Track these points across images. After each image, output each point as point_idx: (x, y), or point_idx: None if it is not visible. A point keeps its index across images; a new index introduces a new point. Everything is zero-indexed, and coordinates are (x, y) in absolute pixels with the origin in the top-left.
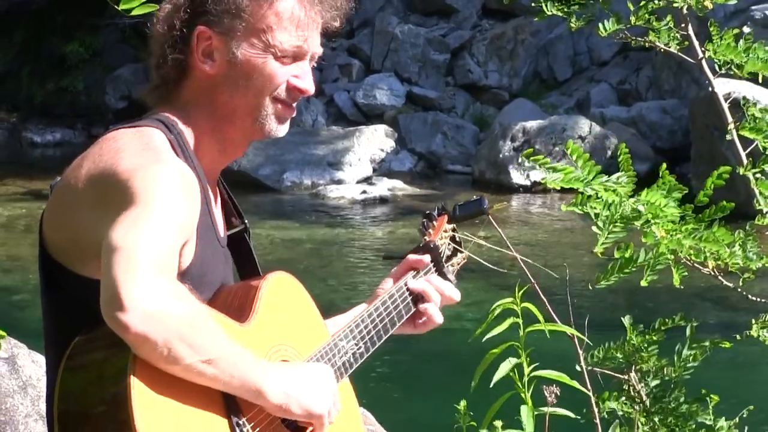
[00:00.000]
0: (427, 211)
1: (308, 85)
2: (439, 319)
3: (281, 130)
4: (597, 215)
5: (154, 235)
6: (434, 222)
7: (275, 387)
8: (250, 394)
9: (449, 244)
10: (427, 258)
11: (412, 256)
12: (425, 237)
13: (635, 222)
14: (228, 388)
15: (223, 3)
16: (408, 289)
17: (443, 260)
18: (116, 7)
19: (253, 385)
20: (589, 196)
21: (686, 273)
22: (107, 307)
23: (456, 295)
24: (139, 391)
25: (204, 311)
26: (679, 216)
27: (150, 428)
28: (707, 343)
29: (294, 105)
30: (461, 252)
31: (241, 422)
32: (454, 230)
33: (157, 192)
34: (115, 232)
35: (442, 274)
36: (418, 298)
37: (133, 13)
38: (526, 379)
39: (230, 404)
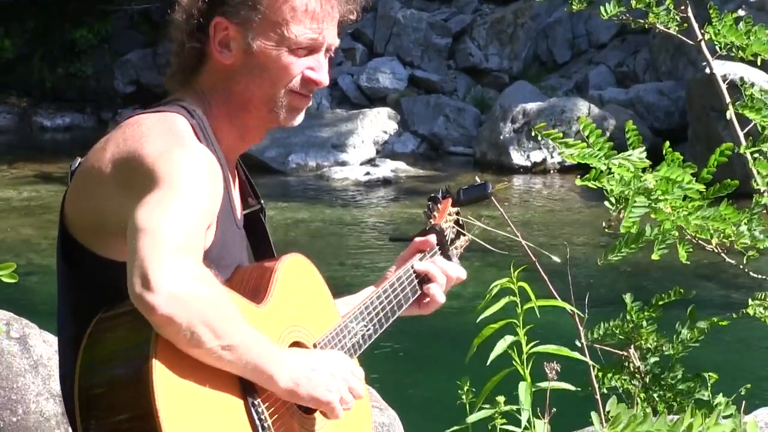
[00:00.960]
0: (432, 194)
1: (323, 78)
2: (441, 299)
3: (297, 119)
4: (610, 191)
5: (179, 217)
6: (439, 205)
7: (285, 373)
8: (262, 379)
9: (453, 227)
10: (433, 239)
11: (418, 239)
12: (430, 220)
13: (648, 198)
14: (243, 372)
15: None
16: (414, 271)
17: (448, 243)
18: None
19: (266, 370)
20: (602, 172)
21: (691, 249)
22: (134, 287)
23: (462, 273)
24: (160, 371)
25: (226, 295)
26: (695, 192)
27: (170, 408)
28: (703, 324)
29: (310, 95)
30: (464, 235)
31: (256, 402)
32: (458, 213)
33: (182, 176)
34: (141, 213)
35: (446, 256)
36: (423, 279)
37: None
38: (524, 355)
39: (246, 386)
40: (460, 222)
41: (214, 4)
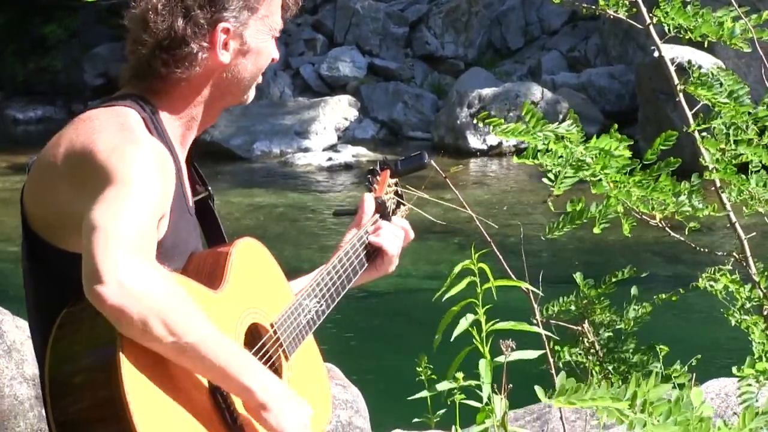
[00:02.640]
0: (371, 167)
1: (277, 53)
2: (394, 263)
3: (253, 95)
4: (547, 167)
5: (131, 215)
6: (378, 177)
7: (261, 391)
8: (234, 386)
9: (393, 197)
10: (372, 204)
11: (361, 210)
12: (372, 191)
13: (585, 172)
14: (210, 376)
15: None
16: (363, 244)
17: (390, 214)
18: None
19: (237, 378)
20: (539, 151)
21: (635, 224)
22: (86, 281)
23: (410, 230)
24: (127, 361)
25: (182, 293)
26: (627, 162)
27: (138, 395)
28: (645, 308)
29: None
30: (404, 204)
31: (225, 395)
32: (396, 184)
33: (134, 172)
34: (94, 211)
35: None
36: (372, 249)
37: None
38: (484, 333)
39: None
40: (399, 192)
41: (217, 11)
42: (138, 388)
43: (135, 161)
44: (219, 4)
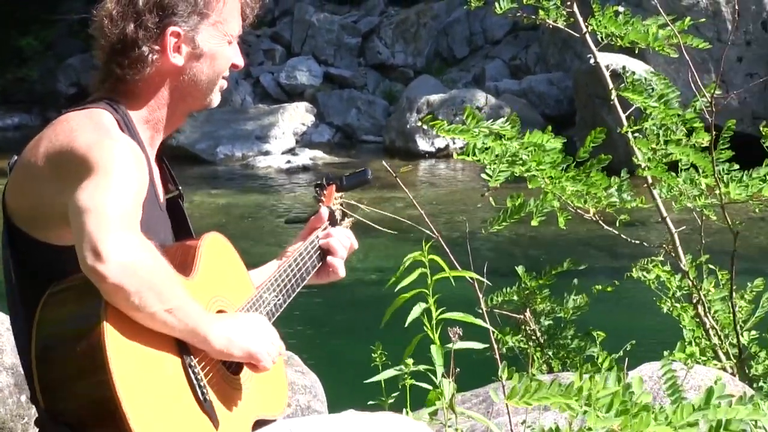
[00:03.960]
0: (318, 182)
1: (242, 60)
2: (342, 268)
3: (218, 99)
4: (484, 163)
5: (118, 196)
6: (325, 191)
7: (219, 335)
8: (197, 340)
9: (339, 209)
10: (325, 213)
11: (313, 218)
12: (320, 203)
13: (520, 167)
14: (181, 334)
15: (191, 5)
16: (315, 246)
17: (338, 222)
18: None
19: (201, 333)
20: (478, 148)
21: (571, 218)
22: (86, 260)
23: (354, 242)
24: (111, 335)
25: (167, 263)
26: (560, 157)
27: (121, 368)
28: (584, 298)
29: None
30: (349, 216)
31: (192, 363)
32: (341, 197)
33: (114, 161)
34: (82, 196)
35: None
36: (325, 252)
37: None
38: (434, 321)
39: (182, 346)
40: (344, 204)
41: (166, 15)
42: (122, 360)
43: (113, 153)
44: (168, 10)
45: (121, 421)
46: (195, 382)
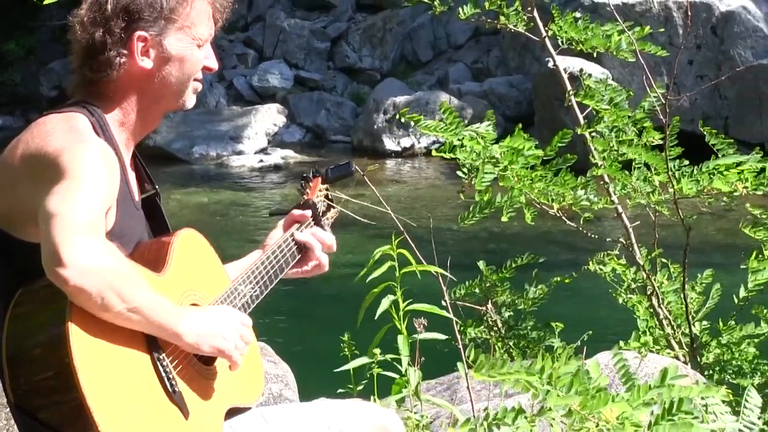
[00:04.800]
0: (304, 174)
1: (215, 63)
2: (326, 266)
3: (193, 101)
4: (462, 161)
5: (83, 202)
6: (310, 183)
7: (189, 330)
8: (168, 336)
9: (324, 201)
10: (308, 212)
11: (296, 211)
12: (304, 196)
13: (496, 167)
14: (150, 330)
15: (156, 10)
16: (294, 240)
17: (320, 215)
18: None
19: (171, 329)
20: (454, 147)
21: (536, 213)
22: (49, 264)
23: (333, 244)
24: (76, 334)
25: (129, 265)
26: (536, 159)
27: (86, 365)
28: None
29: (202, 78)
30: (334, 207)
31: (161, 357)
32: (327, 189)
33: (83, 167)
34: (50, 201)
35: (320, 226)
36: (302, 247)
37: (46, 2)
38: (401, 312)
39: (151, 342)
40: (329, 197)
41: (132, 21)
42: (87, 358)
43: (83, 158)
44: (134, 15)
45: (87, 418)
46: (163, 374)
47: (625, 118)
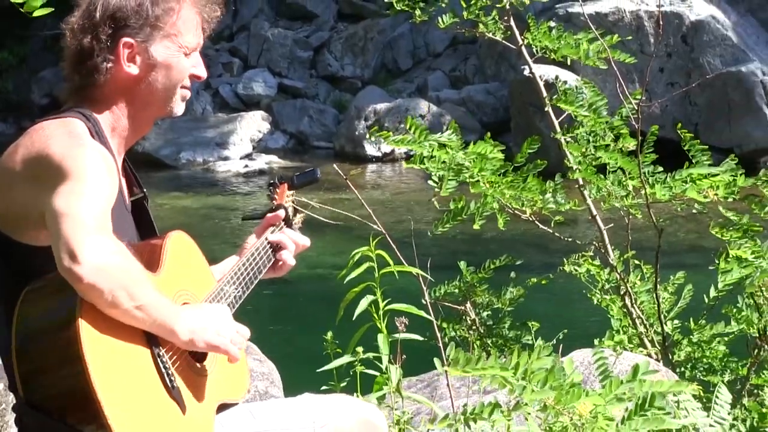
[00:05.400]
0: (271, 181)
1: (204, 72)
2: (292, 262)
3: (182, 108)
4: (432, 171)
5: (91, 202)
6: (277, 189)
7: (183, 327)
8: (165, 333)
9: (292, 206)
10: (281, 213)
11: (269, 215)
12: (273, 201)
13: (465, 174)
14: (151, 328)
15: (142, 18)
16: (269, 242)
17: (291, 218)
18: (20, 9)
19: (168, 326)
20: (425, 157)
21: (509, 218)
22: (63, 262)
23: (306, 241)
24: (86, 330)
25: (137, 264)
26: (501, 164)
27: (95, 359)
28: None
29: (190, 86)
30: (301, 212)
31: (161, 353)
32: (293, 194)
33: (86, 168)
34: (58, 201)
35: (291, 228)
36: (276, 248)
37: (35, 14)
38: (381, 311)
39: (151, 338)
40: (295, 202)
41: (118, 28)
42: (96, 354)
43: (85, 160)
44: (121, 22)
45: (96, 409)
46: (163, 370)
47: (603, 124)
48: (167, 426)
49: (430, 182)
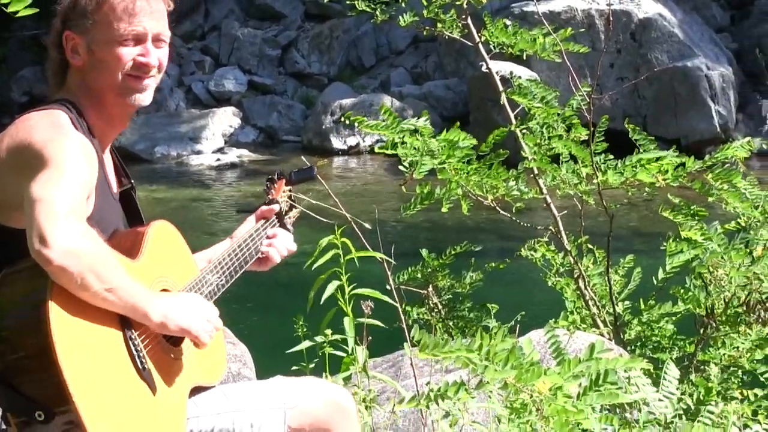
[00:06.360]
0: (270, 176)
1: (151, 60)
2: (277, 260)
3: (143, 98)
4: (404, 156)
5: (65, 189)
6: (275, 184)
7: (156, 311)
8: (138, 315)
9: (287, 201)
10: (275, 207)
11: (263, 207)
12: (269, 195)
13: (435, 160)
14: (123, 310)
15: (77, 10)
16: (259, 236)
17: (284, 213)
18: (3, 8)
19: (141, 309)
20: (396, 143)
21: (472, 204)
22: (34, 245)
23: (294, 247)
24: (55, 311)
25: (107, 248)
26: (471, 152)
27: (63, 339)
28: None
29: (145, 78)
30: (296, 207)
31: (132, 336)
32: (290, 191)
33: (65, 157)
34: (35, 187)
35: (283, 224)
36: (264, 246)
37: (20, 14)
38: (347, 296)
39: (124, 321)
40: (292, 197)
41: (64, 21)
42: (65, 335)
43: (65, 150)
44: (64, 17)
45: (63, 390)
46: (135, 352)
47: (555, 115)
48: (135, 405)
49: (401, 167)
